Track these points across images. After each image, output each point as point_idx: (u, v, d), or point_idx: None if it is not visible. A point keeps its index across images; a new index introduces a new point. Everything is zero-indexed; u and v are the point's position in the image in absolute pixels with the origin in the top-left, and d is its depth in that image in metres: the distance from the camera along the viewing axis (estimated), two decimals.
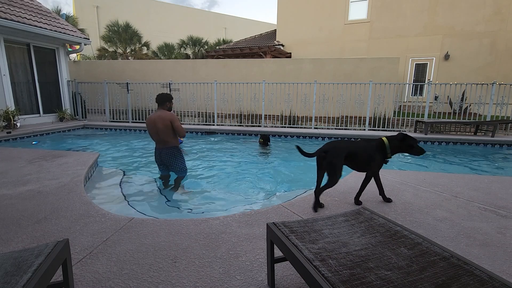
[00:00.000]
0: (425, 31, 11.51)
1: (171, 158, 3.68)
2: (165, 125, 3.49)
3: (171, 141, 3.63)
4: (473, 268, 1.09)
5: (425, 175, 3.48)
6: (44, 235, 1.97)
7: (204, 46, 18.59)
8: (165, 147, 3.63)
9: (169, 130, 3.53)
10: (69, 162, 3.87)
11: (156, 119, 3.48)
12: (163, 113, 3.52)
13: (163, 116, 3.49)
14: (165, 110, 3.61)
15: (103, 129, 8.19)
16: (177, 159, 3.71)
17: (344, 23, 12.75)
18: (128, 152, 5.69)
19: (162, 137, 3.55)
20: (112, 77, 10.25)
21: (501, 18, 10.49)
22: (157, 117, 3.49)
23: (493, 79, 8.05)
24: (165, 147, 3.63)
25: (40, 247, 1.22)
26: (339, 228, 1.45)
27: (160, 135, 3.53)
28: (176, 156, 3.70)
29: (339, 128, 7.78)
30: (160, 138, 3.57)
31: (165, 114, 3.51)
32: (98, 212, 2.33)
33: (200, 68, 10.86)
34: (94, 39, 15.11)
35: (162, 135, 3.53)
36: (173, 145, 3.66)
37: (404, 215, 2.31)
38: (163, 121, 3.48)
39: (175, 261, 1.68)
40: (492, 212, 2.37)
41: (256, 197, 3.44)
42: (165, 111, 3.58)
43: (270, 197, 3.39)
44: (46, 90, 8.50)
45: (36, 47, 8.08)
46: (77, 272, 1.57)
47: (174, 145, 3.68)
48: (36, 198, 2.61)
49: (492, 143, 6.31)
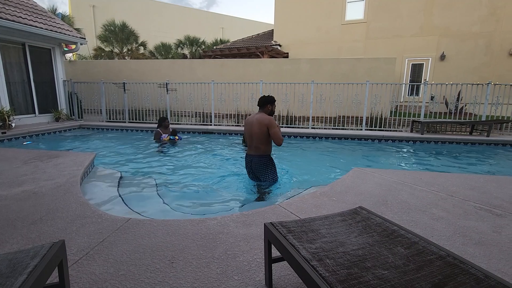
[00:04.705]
0: (421, 31, 11.59)
1: (262, 168, 3.45)
2: (261, 130, 3.27)
3: (264, 149, 3.38)
4: (469, 267, 1.10)
5: (421, 175, 3.50)
6: (40, 236, 1.95)
7: (202, 46, 18.54)
8: (257, 155, 3.40)
9: (264, 135, 3.29)
10: (65, 162, 3.84)
11: (254, 122, 3.30)
12: (261, 116, 3.30)
13: (260, 120, 3.27)
14: (265, 114, 3.36)
15: (99, 129, 8.14)
16: (268, 169, 3.46)
17: (341, 23, 12.80)
18: (125, 152, 5.66)
19: (255, 142, 3.35)
20: (108, 77, 10.19)
21: (496, 19, 10.60)
22: (255, 120, 3.30)
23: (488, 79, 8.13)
24: (257, 155, 3.40)
25: (35, 248, 1.21)
26: (336, 228, 1.45)
27: (254, 139, 3.34)
28: (268, 166, 3.46)
29: (336, 128, 7.80)
30: (253, 143, 3.37)
31: (263, 118, 3.28)
32: (95, 213, 2.32)
33: (197, 68, 10.83)
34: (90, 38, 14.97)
35: (256, 140, 3.33)
36: (265, 154, 3.42)
37: (400, 215, 2.32)
38: (260, 125, 3.26)
39: (173, 261, 1.68)
40: (488, 211, 2.40)
41: (253, 197, 3.44)
42: (265, 115, 3.33)
43: (267, 197, 3.39)
44: (42, 90, 8.43)
45: (31, 46, 8.01)
46: (74, 274, 1.55)
47: (267, 154, 3.44)
48: (32, 199, 2.59)
49: (487, 143, 6.38)
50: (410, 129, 7.37)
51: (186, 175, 4.24)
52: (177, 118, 8.86)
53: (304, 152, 5.98)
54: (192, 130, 7.83)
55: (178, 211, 3.00)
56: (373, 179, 3.22)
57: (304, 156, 5.62)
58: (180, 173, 4.34)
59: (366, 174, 3.41)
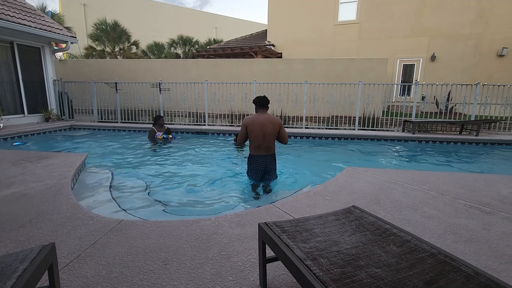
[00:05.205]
0: (413, 32, 11.77)
1: (274, 167, 3.56)
2: (274, 130, 3.35)
3: (273, 148, 3.50)
4: (460, 264, 1.12)
5: (413, 174, 3.55)
6: (29, 239, 1.91)
7: (195, 45, 18.43)
8: (270, 154, 3.47)
9: (275, 135, 3.42)
10: (56, 163, 3.76)
11: (266, 122, 3.32)
12: (272, 117, 3.38)
13: (273, 120, 3.35)
14: (270, 114, 3.45)
15: (91, 129, 8.01)
16: (275, 166, 3.60)
17: (334, 24, 12.89)
18: (117, 152, 5.58)
19: (267, 142, 3.39)
20: (100, 77, 10.03)
21: (484, 21, 10.84)
22: (267, 120, 3.33)
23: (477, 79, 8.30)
24: (270, 154, 3.47)
25: (24, 251, 1.18)
26: (330, 227, 1.46)
27: (266, 139, 3.37)
28: (275, 163, 3.59)
29: (329, 128, 7.86)
30: (264, 143, 3.39)
31: (274, 118, 3.39)
32: (86, 215, 2.28)
33: (190, 68, 10.76)
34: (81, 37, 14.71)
35: (268, 140, 3.38)
36: (274, 152, 3.54)
37: (393, 213, 2.35)
38: (273, 125, 3.34)
39: (166, 263, 1.66)
40: (477, 209, 2.45)
41: (247, 197, 3.44)
42: (272, 115, 3.42)
43: (261, 197, 3.39)
44: (31, 89, 8.25)
45: (20, 45, 7.83)
46: (64, 277, 1.52)
47: (274, 152, 3.55)
48: (21, 201, 2.53)
49: (476, 142, 6.52)
50: (401, 129, 7.48)
51: (180, 175, 4.21)
52: (170, 118, 8.78)
53: (298, 152, 6.01)
54: (186, 130, 7.78)
55: (172, 212, 2.97)
56: (366, 178, 3.25)
57: (298, 156, 5.64)
58: (173, 173, 4.31)
59: (359, 174, 3.44)
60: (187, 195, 3.46)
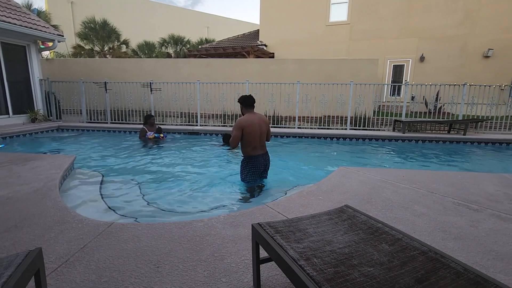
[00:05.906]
0: (402, 34, 11.97)
1: (269, 163, 3.65)
2: (267, 129, 3.48)
3: (265, 146, 3.58)
4: (449, 261, 1.14)
5: (404, 173, 3.61)
6: (15, 245, 1.84)
7: (186, 45, 18.27)
8: (266, 153, 3.57)
9: (267, 133, 3.53)
10: (42, 165, 3.66)
11: (261, 122, 3.39)
12: (262, 116, 3.49)
13: (264, 119, 3.46)
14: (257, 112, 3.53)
15: (79, 130, 7.84)
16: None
17: (325, 25, 13.00)
18: (107, 154, 5.48)
19: (262, 141, 3.49)
20: (89, 76, 9.82)
21: (471, 22, 11.13)
22: (260, 120, 3.40)
23: (464, 80, 8.51)
24: (266, 153, 3.57)
25: (10, 257, 1.14)
26: (323, 227, 1.47)
27: (262, 139, 3.46)
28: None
29: (321, 127, 7.92)
30: (261, 142, 3.47)
31: (264, 117, 3.51)
32: (75, 218, 2.22)
33: (182, 68, 10.66)
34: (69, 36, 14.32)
35: (263, 139, 3.48)
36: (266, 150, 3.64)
37: (384, 212, 2.38)
38: (266, 125, 3.45)
39: (158, 266, 1.63)
40: (465, 207, 2.51)
41: (240, 197, 3.43)
42: (260, 114, 3.52)
43: (254, 197, 3.38)
44: (16, 89, 8.01)
45: (4, 43, 7.59)
46: (52, 283, 1.48)
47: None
48: (5, 205, 2.45)
49: (464, 141, 6.68)
50: (392, 128, 7.60)
51: (171, 176, 4.16)
52: (162, 118, 8.68)
53: (290, 151, 6.03)
54: (178, 130, 7.71)
55: (164, 213, 2.93)
56: (358, 178, 3.29)
57: (291, 156, 5.66)
58: (165, 174, 4.26)
59: (351, 173, 3.48)
60: (179, 196, 3.42)
